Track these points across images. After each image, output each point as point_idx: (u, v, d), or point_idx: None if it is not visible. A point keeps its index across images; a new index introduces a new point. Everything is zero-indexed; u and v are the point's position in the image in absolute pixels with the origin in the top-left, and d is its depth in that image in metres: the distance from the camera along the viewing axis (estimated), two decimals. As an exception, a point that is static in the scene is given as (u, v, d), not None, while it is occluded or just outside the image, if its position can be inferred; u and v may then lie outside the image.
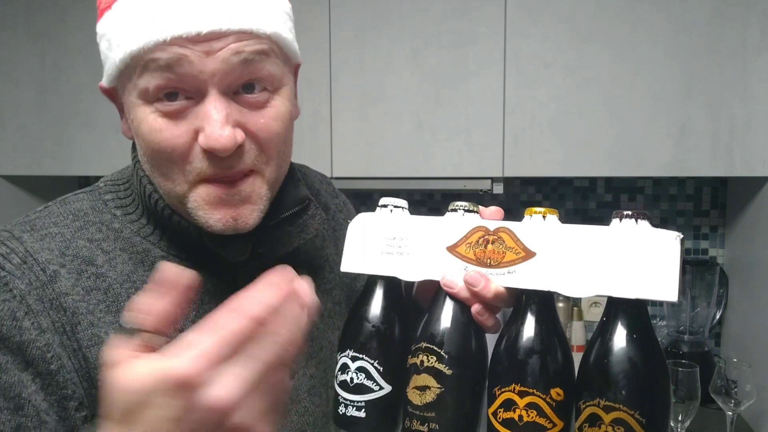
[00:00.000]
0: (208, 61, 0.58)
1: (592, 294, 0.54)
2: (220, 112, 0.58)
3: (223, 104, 0.59)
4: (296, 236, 0.73)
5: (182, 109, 0.59)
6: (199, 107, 0.59)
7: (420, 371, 0.58)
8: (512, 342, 0.56)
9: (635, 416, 0.50)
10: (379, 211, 0.66)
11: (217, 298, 0.68)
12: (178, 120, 0.60)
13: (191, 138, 0.60)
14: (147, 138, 0.61)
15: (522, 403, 0.54)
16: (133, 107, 0.61)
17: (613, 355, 0.52)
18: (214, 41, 0.58)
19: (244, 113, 0.61)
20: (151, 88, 0.58)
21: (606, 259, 0.54)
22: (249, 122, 0.61)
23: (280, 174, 0.67)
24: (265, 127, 0.62)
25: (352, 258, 0.66)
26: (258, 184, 0.64)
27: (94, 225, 0.67)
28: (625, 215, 0.55)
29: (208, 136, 0.58)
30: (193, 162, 0.60)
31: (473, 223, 0.61)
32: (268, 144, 0.63)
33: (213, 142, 0.58)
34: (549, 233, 0.57)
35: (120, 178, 0.72)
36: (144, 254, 0.66)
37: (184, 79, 0.58)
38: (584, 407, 0.52)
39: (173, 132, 0.60)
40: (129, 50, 0.58)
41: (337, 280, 0.81)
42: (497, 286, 0.57)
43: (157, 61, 0.57)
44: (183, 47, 0.57)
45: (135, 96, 0.60)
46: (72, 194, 0.70)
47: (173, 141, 0.60)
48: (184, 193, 0.62)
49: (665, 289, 0.51)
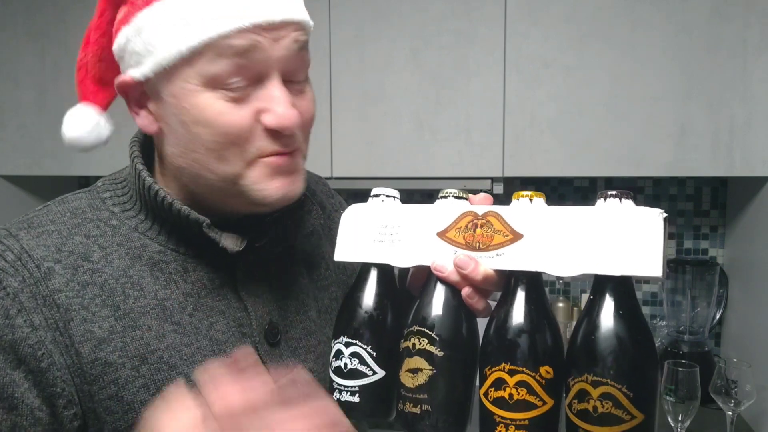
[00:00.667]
0: (276, 47, 0.62)
1: (579, 273, 0.55)
2: (284, 94, 0.63)
3: (285, 87, 0.63)
4: (293, 231, 0.74)
5: (245, 95, 0.62)
6: (259, 91, 0.63)
7: (412, 354, 0.59)
8: (502, 322, 0.57)
9: (622, 390, 0.50)
10: (371, 201, 0.68)
11: (214, 292, 0.68)
12: (240, 104, 0.62)
13: (254, 119, 0.63)
14: (211, 122, 0.62)
15: (512, 382, 0.54)
16: (190, 95, 0.62)
17: (600, 331, 0.52)
18: (280, 30, 0.62)
19: (295, 99, 0.65)
20: (222, 74, 0.60)
21: (591, 238, 0.55)
22: (299, 106, 0.65)
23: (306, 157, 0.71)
24: (308, 110, 0.67)
25: (345, 247, 0.67)
26: (300, 160, 0.68)
27: (91, 222, 0.67)
28: (609, 195, 0.56)
29: (280, 116, 0.62)
30: (255, 142, 0.63)
31: (462, 208, 0.62)
32: (307, 126, 0.68)
33: (285, 121, 0.62)
34: (535, 215, 0.58)
35: (117, 177, 0.73)
36: (141, 249, 0.67)
37: (254, 65, 0.61)
38: (573, 384, 0.53)
39: (239, 114, 0.62)
40: (202, 36, 0.59)
41: (333, 277, 0.82)
42: (486, 268, 0.58)
43: (234, 48, 0.60)
44: (258, 34, 0.60)
45: (197, 82, 0.61)
46: (71, 194, 0.71)
47: (240, 123, 0.62)
48: (238, 173, 0.64)
49: (649, 265, 0.52)
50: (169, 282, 0.66)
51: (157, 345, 0.64)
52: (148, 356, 0.63)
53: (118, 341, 0.62)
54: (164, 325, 0.65)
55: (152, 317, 0.64)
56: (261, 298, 0.71)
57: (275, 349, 0.71)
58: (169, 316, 0.65)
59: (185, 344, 0.65)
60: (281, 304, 0.73)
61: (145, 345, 0.63)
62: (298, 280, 0.77)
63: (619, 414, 0.50)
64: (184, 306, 0.67)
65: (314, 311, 0.77)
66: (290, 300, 0.75)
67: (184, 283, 0.67)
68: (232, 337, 0.68)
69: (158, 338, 0.64)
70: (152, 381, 0.63)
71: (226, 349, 0.67)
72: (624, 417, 0.50)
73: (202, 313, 0.67)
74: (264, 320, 0.71)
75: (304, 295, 0.77)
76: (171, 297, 0.66)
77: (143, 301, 0.65)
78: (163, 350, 0.64)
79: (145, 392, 0.63)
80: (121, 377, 0.62)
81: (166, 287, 0.66)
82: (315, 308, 0.78)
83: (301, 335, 0.75)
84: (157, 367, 0.63)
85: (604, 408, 0.51)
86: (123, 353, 0.62)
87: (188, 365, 0.65)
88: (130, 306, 0.64)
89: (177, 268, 0.67)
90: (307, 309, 0.76)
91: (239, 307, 0.69)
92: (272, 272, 0.74)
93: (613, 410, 0.50)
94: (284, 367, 0.71)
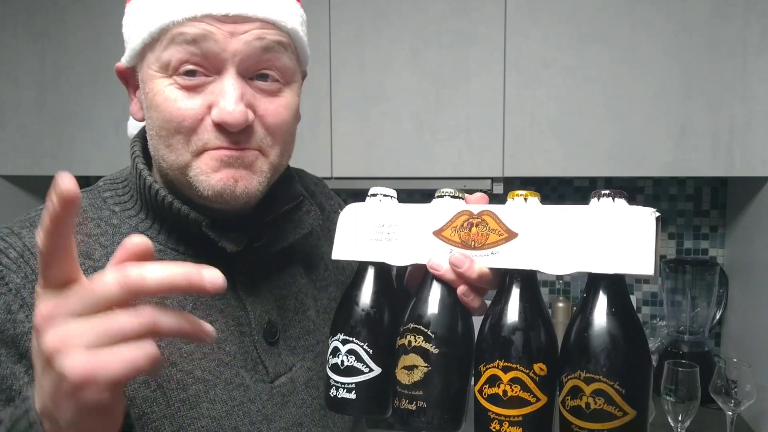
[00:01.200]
0: (232, 41, 0.62)
1: (572, 271, 0.55)
2: (236, 89, 0.62)
3: (239, 83, 0.63)
4: (291, 231, 0.74)
5: (199, 84, 0.63)
6: (215, 84, 0.63)
7: (408, 351, 0.59)
8: (496, 320, 0.57)
9: (615, 386, 0.51)
10: (369, 200, 0.68)
11: None
12: (193, 94, 0.63)
13: (203, 112, 0.63)
14: (160, 107, 0.63)
15: (506, 379, 0.55)
16: (150, 80, 0.64)
17: (593, 328, 0.53)
18: (240, 24, 0.62)
19: (257, 97, 0.65)
20: (173, 60, 0.62)
21: (585, 237, 0.55)
22: (260, 106, 0.65)
23: (282, 163, 0.70)
24: (275, 112, 0.66)
25: (343, 246, 0.67)
26: (261, 160, 0.66)
27: (92, 221, 0.68)
28: (603, 194, 0.56)
29: (221, 110, 0.61)
30: (201, 134, 0.63)
31: (458, 207, 0.63)
32: (276, 130, 0.66)
33: (226, 116, 0.61)
34: (530, 214, 0.59)
35: (118, 177, 0.74)
36: None
37: (206, 56, 0.62)
38: (566, 381, 0.53)
39: (187, 104, 0.63)
40: (159, 23, 0.62)
41: (332, 277, 0.83)
42: (481, 266, 0.59)
43: (185, 35, 0.61)
44: (210, 25, 0.61)
45: (156, 68, 0.63)
46: None
47: (185, 112, 0.62)
48: (187, 163, 0.64)
49: (642, 263, 0.52)
50: None
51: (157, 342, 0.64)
52: None
53: None
54: None
55: None
56: (260, 298, 0.71)
57: (274, 348, 0.72)
58: None
59: (184, 342, 0.66)
60: (280, 304, 0.74)
61: None
62: (297, 279, 0.77)
63: (611, 410, 0.50)
64: (184, 304, 0.67)
65: (313, 311, 0.78)
66: (289, 299, 0.75)
67: None
68: (231, 336, 0.69)
69: None
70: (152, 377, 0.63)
71: (224, 347, 0.68)
72: (616, 413, 0.50)
73: (201, 311, 0.67)
74: (263, 319, 0.71)
75: (303, 295, 0.77)
76: (170, 296, 0.66)
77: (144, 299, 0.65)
78: (164, 347, 0.64)
79: (145, 388, 0.63)
80: None
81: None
82: (314, 308, 0.78)
83: (300, 334, 0.75)
84: None
85: (596, 404, 0.51)
86: None
87: (188, 362, 0.65)
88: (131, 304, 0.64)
89: None
90: (305, 309, 0.77)
91: (238, 306, 0.70)
92: (271, 272, 0.74)
93: (606, 407, 0.51)
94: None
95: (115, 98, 1.87)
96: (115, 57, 0.71)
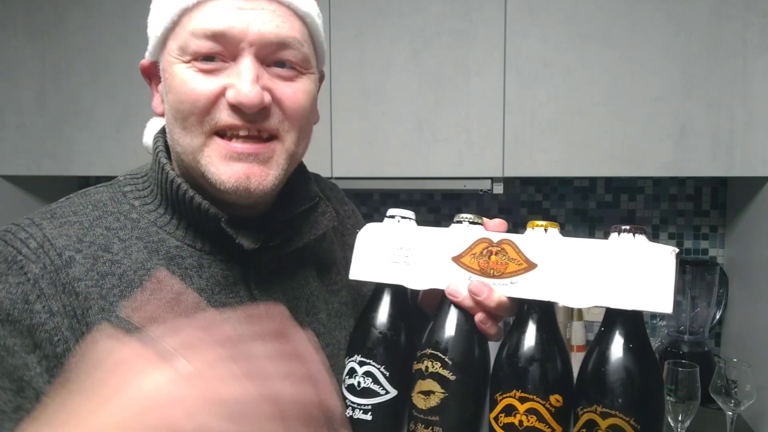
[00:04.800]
0: (249, 33, 0.62)
1: (591, 305, 0.56)
2: (252, 72, 0.63)
3: (256, 66, 0.63)
4: (306, 232, 0.74)
5: (217, 68, 0.64)
6: (232, 68, 0.64)
7: (425, 376, 0.60)
8: (514, 350, 0.58)
9: (630, 422, 0.51)
10: (387, 221, 0.69)
11: (227, 289, 0.69)
12: (210, 76, 0.64)
13: (218, 92, 0.63)
14: (177, 89, 0.64)
15: (522, 409, 0.55)
16: (170, 66, 0.65)
17: (611, 363, 0.53)
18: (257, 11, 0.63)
19: (275, 81, 0.65)
20: (192, 49, 0.63)
21: (604, 271, 0.56)
22: (277, 90, 0.65)
23: (298, 152, 0.70)
24: (293, 96, 0.66)
25: (361, 266, 0.68)
26: (279, 151, 0.66)
27: (112, 215, 0.69)
28: (623, 230, 0.57)
29: (238, 90, 0.62)
30: (214, 114, 0.64)
31: (477, 234, 0.63)
32: (293, 114, 0.66)
33: (242, 97, 0.62)
34: (550, 246, 0.59)
35: (139, 171, 0.74)
36: (159, 243, 0.68)
37: (225, 47, 0.63)
38: (582, 413, 0.54)
39: (202, 84, 0.63)
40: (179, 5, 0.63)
41: (344, 281, 0.83)
42: (500, 295, 0.59)
43: (205, 31, 0.62)
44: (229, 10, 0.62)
45: (175, 54, 0.65)
46: (93, 187, 0.73)
47: (200, 92, 0.63)
48: (200, 146, 0.65)
49: (661, 301, 0.53)
50: (184, 277, 0.67)
51: None
52: None
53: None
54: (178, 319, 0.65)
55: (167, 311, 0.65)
56: (273, 298, 0.72)
57: None
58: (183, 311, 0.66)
59: None
60: (292, 305, 0.74)
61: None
62: (310, 282, 0.77)
63: None
64: (198, 302, 0.67)
65: (324, 314, 0.78)
66: (301, 301, 0.75)
67: (198, 279, 0.68)
68: None
69: None
70: None
71: None
72: None
73: (215, 309, 0.68)
74: None
75: (315, 298, 0.77)
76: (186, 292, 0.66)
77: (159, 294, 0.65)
78: None
79: None
80: None
81: (181, 282, 0.67)
82: (325, 311, 0.78)
83: None
84: None
85: None
86: None
87: None
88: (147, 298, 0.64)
89: (192, 263, 0.68)
90: (316, 311, 0.77)
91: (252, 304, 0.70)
92: (284, 273, 0.74)
93: None
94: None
95: (115, 98, 1.86)
96: (115, 57, 0.71)
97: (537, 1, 1.66)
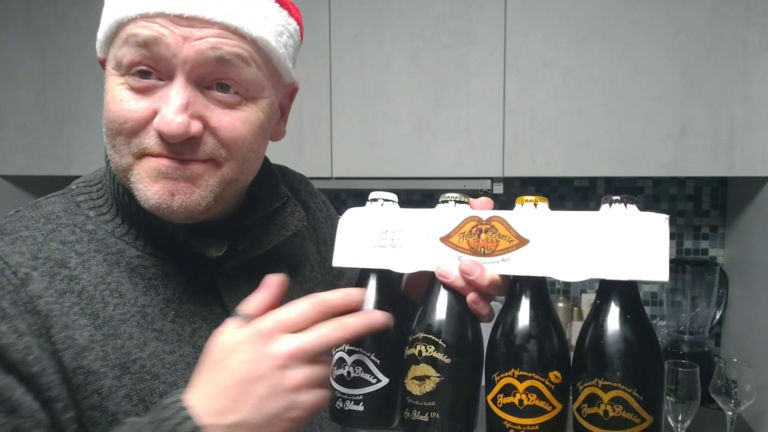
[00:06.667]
0: (184, 47, 0.58)
1: (585, 278, 0.55)
2: (180, 98, 0.58)
3: (187, 92, 0.59)
4: (276, 233, 0.72)
5: (150, 87, 0.60)
6: (165, 89, 0.60)
7: (418, 361, 0.58)
8: (509, 328, 0.56)
9: (633, 393, 0.51)
10: (370, 205, 0.67)
11: (196, 297, 0.67)
12: (142, 96, 0.60)
13: (148, 115, 0.60)
14: (108, 106, 0.61)
15: (522, 387, 0.54)
16: (107, 77, 0.62)
17: (610, 335, 0.53)
18: (197, 29, 0.58)
19: (211, 108, 0.61)
20: (125, 61, 0.59)
21: (598, 243, 0.55)
22: (212, 118, 0.61)
23: (239, 179, 0.65)
24: (230, 126, 0.61)
25: (344, 253, 0.66)
26: (211, 172, 0.62)
27: (66, 227, 0.65)
28: (614, 200, 0.56)
29: (161, 118, 0.58)
30: (142, 138, 0.60)
31: (465, 213, 0.62)
32: (231, 144, 0.62)
33: (163, 126, 0.58)
34: (541, 220, 0.58)
35: (92, 179, 0.71)
36: (119, 255, 0.65)
37: (157, 60, 0.58)
38: (582, 388, 0.53)
39: (132, 106, 0.60)
40: (114, 18, 0.60)
41: (319, 278, 0.81)
42: (492, 274, 0.58)
43: (136, 37, 0.58)
44: (164, 26, 0.58)
45: (112, 65, 0.61)
46: (44, 198, 0.69)
47: (129, 114, 0.60)
48: (129, 166, 0.62)
49: (657, 269, 0.52)
50: (149, 288, 0.65)
51: (139, 353, 0.62)
52: (130, 365, 0.61)
53: (98, 350, 0.60)
54: (146, 332, 0.63)
55: (133, 325, 0.62)
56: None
57: None
58: (151, 323, 0.63)
59: (168, 351, 0.63)
60: None
61: (126, 354, 0.61)
62: None
63: (629, 417, 0.51)
64: (166, 312, 0.65)
65: None
66: None
67: (164, 289, 0.65)
68: None
69: (140, 346, 0.62)
70: (134, 391, 0.61)
71: None
72: (634, 420, 0.51)
73: (185, 319, 0.65)
74: None
75: (288, 298, 0.76)
76: (152, 303, 0.64)
77: (123, 308, 0.63)
78: (146, 359, 0.62)
79: (128, 402, 0.60)
80: (104, 386, 0.59)
81: (146, 293, 0.64)
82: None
83: None
84: (139, 377, 0.61)
85: (615, 412, 0.51)
86: (104, 362, 0.60)
87: (171, 373, 0.63)
88: (110, 314, 0.62)
89: (157, 273, 0.66)
90: None
91: (222, 312, 0.68)
92: (255, 276, 0.70)
93: (624, 414, 0.51)
94: None
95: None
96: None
97: (537, 1, 1.66)
